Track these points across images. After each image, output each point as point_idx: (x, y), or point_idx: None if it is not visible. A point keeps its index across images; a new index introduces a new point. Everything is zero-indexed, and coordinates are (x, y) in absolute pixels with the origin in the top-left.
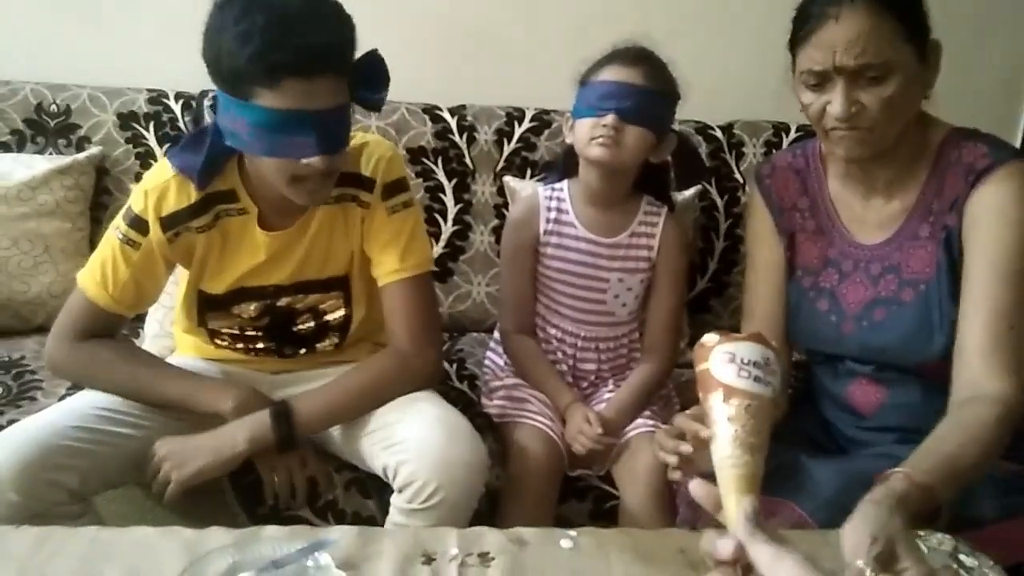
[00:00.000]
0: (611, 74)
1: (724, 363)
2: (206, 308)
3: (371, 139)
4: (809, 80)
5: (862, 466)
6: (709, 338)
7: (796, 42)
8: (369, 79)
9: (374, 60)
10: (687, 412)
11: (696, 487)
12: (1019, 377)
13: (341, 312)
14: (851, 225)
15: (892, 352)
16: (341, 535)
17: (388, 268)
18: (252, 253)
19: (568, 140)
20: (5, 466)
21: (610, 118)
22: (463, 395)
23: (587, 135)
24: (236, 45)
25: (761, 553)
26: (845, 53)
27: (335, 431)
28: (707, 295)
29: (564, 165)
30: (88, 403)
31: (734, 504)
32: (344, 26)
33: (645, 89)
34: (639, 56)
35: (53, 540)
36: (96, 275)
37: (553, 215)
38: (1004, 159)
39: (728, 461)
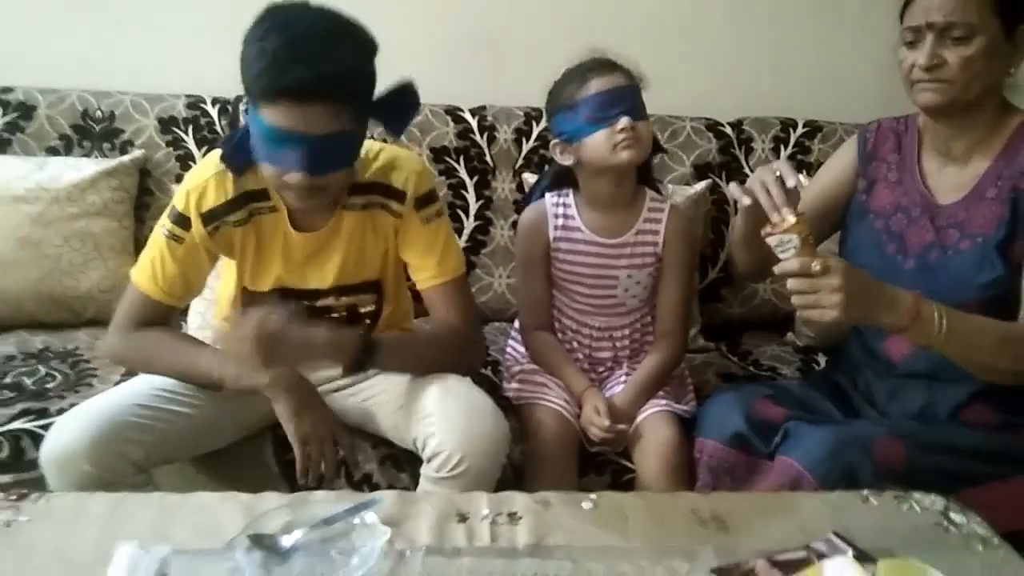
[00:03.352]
0: (601, 84)
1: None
2: (251, 304)
3: (401, 154)
4: (907, 37)
5: (855, 431)
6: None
7: (905, 6)
8: (397, 109)
9: (405, 92)
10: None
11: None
12: None
13: (372, 307)
14: (930, 183)
15: (937, 296)
16: (384, 497)
17: (428, 274)
18: (286, 251)
19: (566, 162)
20: (79, 440)
21: (624, 120)
22: (487, 379)
23: (607, 144)
24: (251, 60)
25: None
26: (936, 12)
27: (374, 408)
28: (718, 284)
29: (555, 185)
30: (147, 384)
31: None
32: (358, 56)
33: (632, 87)
34: (610, 62)
35: (126, 504)
36: (147, 271)
37: (561, 222)
38: None
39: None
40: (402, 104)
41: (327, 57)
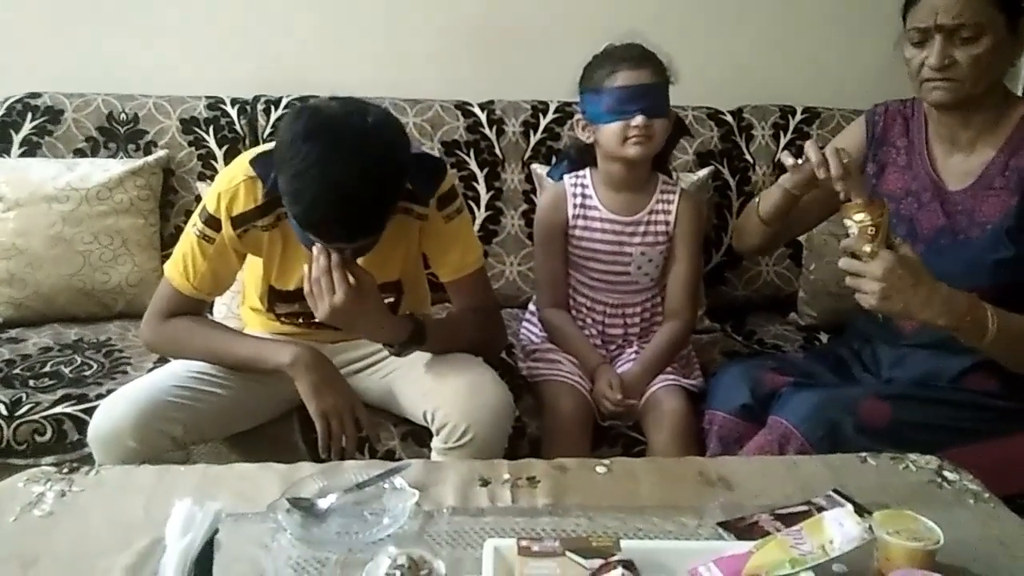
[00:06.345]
0: (626, 79)
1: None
2: (276, 300)
3: None
4: (914, 37)
5: (841, 392)
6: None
7: (908, 5)
8: (423, 178)
9: (436, 164)
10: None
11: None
12: None
13: (391, 300)
14: (938, 167)
15: (948, 281)
16: (412, 465)
17: (452, 268)
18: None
19: (585, 139)
20: (124, 418)
21: (639, 119)
22: (503, 361)
23: (619, 136)
24: (288, 193)
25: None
26: (944, 14)
27: (394, 385)
28: (722, 268)
29: (579, 160)
30: (184, 367)
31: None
32: (386, 199)
33: (657, 84)
34: (643, 56)
35: (171, 475)
36: (179, 266)
37: (579, 200)
38: None
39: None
40: (428, 172)
41: (358, 215)
